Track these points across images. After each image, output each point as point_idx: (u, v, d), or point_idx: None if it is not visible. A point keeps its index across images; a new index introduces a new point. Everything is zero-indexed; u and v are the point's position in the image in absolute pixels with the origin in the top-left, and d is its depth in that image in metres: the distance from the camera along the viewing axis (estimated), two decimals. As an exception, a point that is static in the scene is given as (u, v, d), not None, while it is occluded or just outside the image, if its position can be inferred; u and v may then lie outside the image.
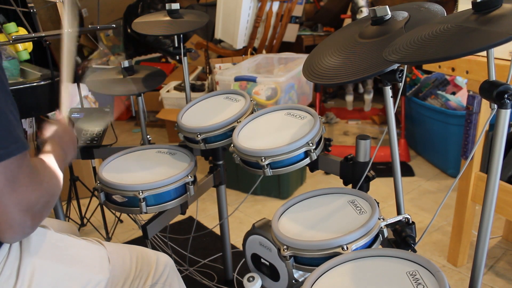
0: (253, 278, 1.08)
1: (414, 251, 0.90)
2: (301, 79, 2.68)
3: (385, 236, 0.91)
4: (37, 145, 1.25)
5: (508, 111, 0.71)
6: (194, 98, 1.45)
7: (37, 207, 0.74)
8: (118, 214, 2.25)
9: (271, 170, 1.03)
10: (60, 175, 0.85)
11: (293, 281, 1.08)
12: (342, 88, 3.80)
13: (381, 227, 0.89)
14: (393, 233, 0.95)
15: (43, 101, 1.93)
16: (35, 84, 1.86)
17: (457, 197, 1.73)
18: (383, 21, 0.91)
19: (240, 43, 3.43)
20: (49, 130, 0.99)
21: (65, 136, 1.00)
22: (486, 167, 1.63)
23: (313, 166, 1.17)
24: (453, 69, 1.57)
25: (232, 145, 1.12)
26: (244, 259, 1.21)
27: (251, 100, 1.29)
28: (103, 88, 1.45)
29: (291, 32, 3.80)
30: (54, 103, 1.97)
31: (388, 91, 0.93)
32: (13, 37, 1.76)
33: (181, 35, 1.45)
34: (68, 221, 2.14)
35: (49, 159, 0.85)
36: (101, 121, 1.56)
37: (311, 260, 0.88)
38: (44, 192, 0.76)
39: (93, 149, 1.48)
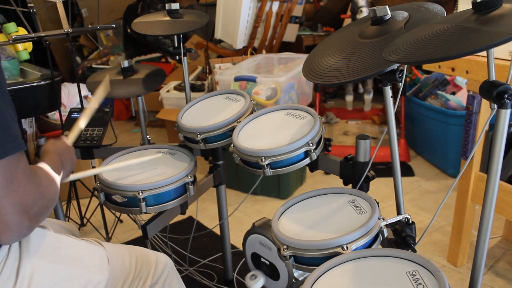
0: (255, 276, 1.08)
1: (414, 251, 0.90)
2: (301, 79, 2.68)
3: (385, 236, 0.91)
4: (37, 145, 1.25)
5: (508, 111, 0.71)
6: (194, 98, 1.45)
7: (35, 209, 0.73)
8: (118, 214, 2.25)
9: (271, 170, 1.03)
10: (58, 182, 0.85)
11: (293, 280, 1.08)
12: (342, 88, 3.80)
13: (381, 227, 0.89)
14: (393, 233, 0.95)
15: (43, 101, 1.93)
16: (35, 84, 1.86)
17: (457, 197, 1.73)
18: (383, 21, 0.91)
19: (240, 43, 3.43)
20: (52, 143, 1.00)
21: (66, 153, 1.01)
22: (486, 167, 1.63)
23: (313, 166, 1.17)
24: (453, 69, 1.57)
25: (232, 145, 1.12)
26: (244, 259, 1.21)
27: (251, 100, 1.29)
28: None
29: (291, 32, 3.80)
30: (54, 103, 1.97)
31: (388, 91, 0.93)
32: (13, 37, 1.76)
33: (181, 35, 1.45)
34: (68, 221, 2.14)
35: (48, 167, 0.86)
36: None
37: (311, 260, 0.88)
38: (42, 195, 0.76)
39: (93, 149, 1.48)
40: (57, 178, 0.86)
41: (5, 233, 0.71)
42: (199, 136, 1.21)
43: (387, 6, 0.91)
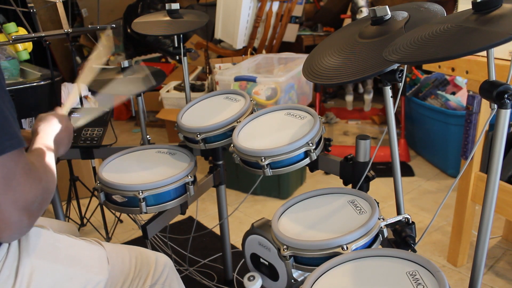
0: (254, 277, 1.08)
1: (414, 251, 0.90)
2: (301, 79, 2.68)
3: (385, 236, 0.91)
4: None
5: (508, 111, 0.71)
6: (194, 98, 1.45)
7: (34, 205, 0.73)
8: (118, 214, 2.25)
9: (271, 170, 1.03)
10: (54, 169, 0.84)
11: (292, 280, 1.08)
12: (342, 88, 3.80)
13: (381, 227, 0.89)
14: (393, 233, 0.95)
15: (43, 101, 1.93)
16: (35, 84, 1.86)
17: (457, 197, 1.73)
18: (383, 21, 0.91)
19: (240, 43, 3.43)
20: (44, 120, 0.97)
21: (60, 128, 0.99)
22: (486, 167, 1.63)
23: (313, 166, 1.17)
24: (453, 69, 1.57)
25: (232, 145, 1.12)
26: (244, 259, 1.21)
27: (251, 100, 1.29)
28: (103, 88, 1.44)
29: (291, 32, 3.80)
30: (54, 103, 1.97)
31: (388, 91, 0.93)
32: (13, 37, 1.76)
33: (181, 35, 1.45)
34: (68, 221, 2.14)
35: (44, 154, 0.85)
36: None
37: (311, 260, 0.88)
38: (41, 191, 0.76)
39: (93, 149, 1.48)
40: (53, 166, 0.85)
41: (5, 231, 0.71)
42: (199, 136, 1.21)
43: (387, 6, 0.91)
